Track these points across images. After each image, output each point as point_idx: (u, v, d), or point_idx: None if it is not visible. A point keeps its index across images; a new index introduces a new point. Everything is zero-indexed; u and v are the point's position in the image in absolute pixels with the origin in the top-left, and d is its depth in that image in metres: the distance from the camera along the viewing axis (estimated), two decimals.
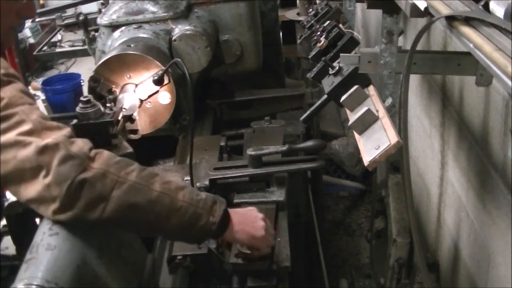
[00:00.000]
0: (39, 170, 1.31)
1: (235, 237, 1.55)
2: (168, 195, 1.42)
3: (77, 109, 1.84)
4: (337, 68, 1.83)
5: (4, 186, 1.37)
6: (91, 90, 2.23)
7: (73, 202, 1.31)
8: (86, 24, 2.76)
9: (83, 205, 1.32)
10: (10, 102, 1.34)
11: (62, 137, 1.35)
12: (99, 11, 3.08)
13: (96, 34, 2.61)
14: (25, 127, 1.33)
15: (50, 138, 1.33)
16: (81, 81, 5.46)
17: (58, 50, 6.57)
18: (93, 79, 2.26)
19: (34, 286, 1.15)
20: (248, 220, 1.58)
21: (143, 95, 2.22)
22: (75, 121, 1.82)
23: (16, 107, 1.34)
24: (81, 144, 1.37)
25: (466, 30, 1.08)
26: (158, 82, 2.05)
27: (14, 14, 1.54)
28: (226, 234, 1.53)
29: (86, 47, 2.83)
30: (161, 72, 2.07)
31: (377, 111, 1.56)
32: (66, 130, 1.38)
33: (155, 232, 1.55)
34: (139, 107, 2.21)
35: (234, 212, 1.57)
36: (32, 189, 1.32)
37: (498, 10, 1.07)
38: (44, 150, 1.31)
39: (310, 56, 2.09)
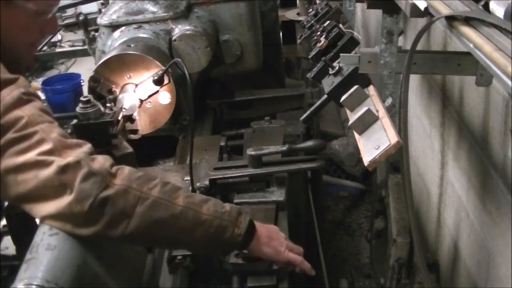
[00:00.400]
0: (62, 189, 1.30)
1: (262, 251, 1.54)
2: (192, 210, 1.42)
3: (77, 109, 1.84)
4: (337, 68, 1.83)
5: (21, 204, 1.35)
6: (91, 90, 2.23)
7: (96, 219, 1.30)
8: (86, 24, 2.76)
9: (106, 222, 1.31)
10: (30, 120, 1.32)
11: (83, 155, 1.34)
12: (99, 11, 3.09)
13: (96, 34, 2.61)
14: (46, 146, 1.32)
15: (71, 157, 1.32)
16: (81, 81, 5.46)
17: (58, 50, 6.58)
18: (93, 79, 2.26)
19: (34, 286, 1.15)
20: (273, 234, 1.57)
21: (143, 95, 2.22)
22: (75, 121, 1.82)
23: (36, 125, 1.33)
24: (102, 161, 1.36)
25: (466, 30, 1.08)
26: (158, 82, 2.05)
27: (38, 30, 1.52)
28: (252, 245, 1.51)
29: (86, 47, 2.83)
30: (161, 72, 2.07)
31: (377, 111, 1.56)
32: (87, 147, 1.38)
33: (180, 246, 1.54)
34: (139, 107, 2.21)
35: (260, 225, 1.55)
36: (51, 206, 1.31)
37: (498, 10, 1.07)
38: (65, 169, 1.30)
39: (310, 56, 2.09)
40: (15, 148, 1.30)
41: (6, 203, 1.57)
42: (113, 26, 2.45)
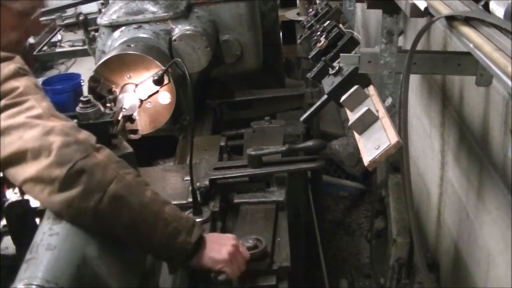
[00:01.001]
0: (43, 151, 1.35)
1: (200, 263, 1.54)
2: (157, 205, 1.47)
3: (77, 109, 1.84)
4: (337, 68, 1.83)
5: (4, 168, 1.40)
6: (91, 90, 2.23)
7: (71, 185, 1.33)
8: (86, 24, 2.76)
9: (81, 191, 1.34)
10: (25, 91, 1.41)
11: (70, 125, 1.43)
12: (99, 11, 3.08)
13: (96, 34, 2.61)
14: (35, 111, 1.39)
15: (57, 123, 1.39)
16: (81, 81, 5.46)
17: (58, 50, 6.56)
18: (93, 79, 2.26)
19: (34, 286, 1.15)
20: (216, 244, 1.57)
21: (143, 95, 2.22)
22: (75, 121, 1.82)
23: (29, 95, 1.41)
24: (87, 134, 1.44)
25: (466, 30, 1.08)
26: (158, 82, 2.04)
27: (23, 30, 1.61)
28: (195, 258, 1.53)
29: (86, 47, 2.83)
30: (161, 72, 2.06)
31: (377, 111, 1.56)
32: (73, 122, 1.47)
33: (137, 237, 1.49)
34: (139, 107, 2.21)
35: (208, 238, 1.57)
36: (31, 169, 1.35)
37: (498, 10, 1.07)
38: (49, 132, 1.37)
39: (310, 56, 2.09)
40: (6, 113, 1.38)
41: (6, 203, 1.57)
42: (113, 26, 2.45)
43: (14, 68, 1.42)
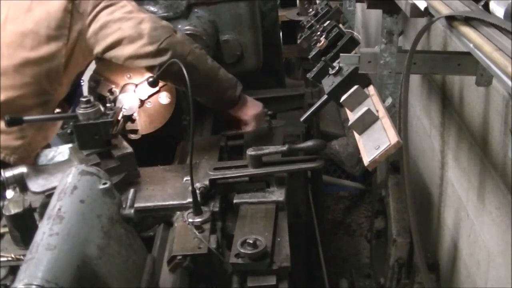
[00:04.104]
0: (138, 36, 1.99)
1: (236, 112, 2.26)
2: (215, 68, 2.16)
3: (77, 109, 1.84)
4: (337, 68, 1.83)
5: (107, 52, 2.04)
6: (91, 90, 2.24)
7: (161, 55, 1.99)
8: None
9: (167, 58, 1.97)
10: None
11: (153, 15, 2.12)
12: None
13: None
14: (127, 8, 2.05)
15: (145, 15, 2.06)
16: (81, 81, 5.45)
17: None
18: (93, 79, 2.26)
19: (34, 286, 1.14)
20: (251, 103, 2.29)
21: (143, 95, 2.22)
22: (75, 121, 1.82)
23: None
24: (166, 22, 2.12)
25: (466, 30, 1.08)
26: (153, 84, 2.02)
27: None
28: (234, 108, 2.24)
29: None
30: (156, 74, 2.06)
31: (377, 111, 1.56)
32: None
33: (201, 90, 2.12)
34: (139, 107, 2.21)
35: (246, 97, 2.29)
36: (130, 49, 2.00)
37: (498, 10, 1.07)
38: (141, 21, 2.02)
39: (310, 56, 2.09)
40: (106, 11, 2.01)
41: (4, 203, 1.57)
42: None
43: None
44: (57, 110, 2.24)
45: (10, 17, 2.04)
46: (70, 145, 2.00)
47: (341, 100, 1.70)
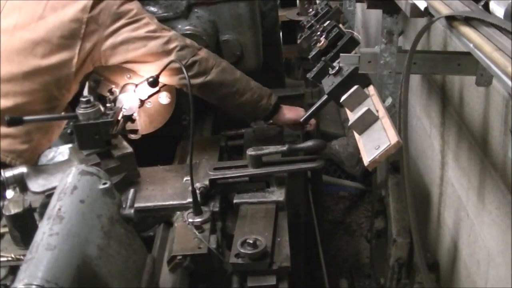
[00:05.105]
0: (164, 55, 2.06)
1: (279, 119, 2.29)
2: (245, 79, 2.21)
3: (77, 109, 1.84)
4: (337, 68, 1.83)
5: (126, 64, 2.10)
6: (91, 90, 2.23)
7: (187, 71, 1.92)
8: None
9: (194, 74, 2.07)
10: (138, 11, 2.08)
11: (178, 34, 2.18)
12: None
13: None
14: (151, 27, 2.08)
15: (170, 33, 2.12)
16: None
17: None
18: (93, 79, 2.26)
19: (34, 286, 1.14)
20: (290, 109, 2.31)
21: (143, 95, 2.22)
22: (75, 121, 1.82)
23: (142, 14, 2.09)
24: (190, 40, 2.18)
25: (466, 30, 1.08)
26: (153, 84, 2.02)
27: None
28: (275, 116, 2.28)
29: None
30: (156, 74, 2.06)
31: (377, 111, 1.56)
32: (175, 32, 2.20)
33: (231, 103, 2.21)
34: (139, 107, 2.21)
35: (284, 106, 2.31)
36: (154, 67, 2.04)
37: (498, 10, 1.07)
38: (168, 41, 2.08)
39: (310, 56, 2.09)
40: (128, 28, 2.04)
41: (4, 203, 1.57)
42: None
43: None
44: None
45: (21, 23, 2.01)
46: (70, 145, 2.00)
47: (341, 100, 1.70)
